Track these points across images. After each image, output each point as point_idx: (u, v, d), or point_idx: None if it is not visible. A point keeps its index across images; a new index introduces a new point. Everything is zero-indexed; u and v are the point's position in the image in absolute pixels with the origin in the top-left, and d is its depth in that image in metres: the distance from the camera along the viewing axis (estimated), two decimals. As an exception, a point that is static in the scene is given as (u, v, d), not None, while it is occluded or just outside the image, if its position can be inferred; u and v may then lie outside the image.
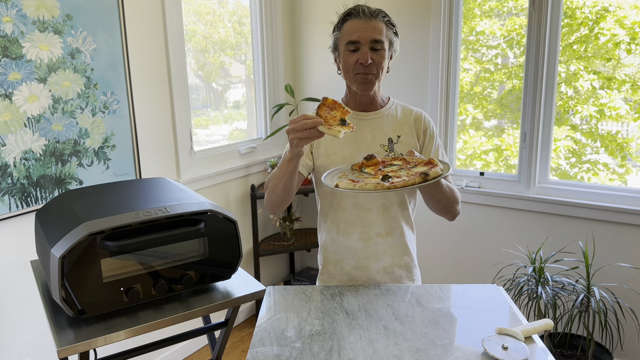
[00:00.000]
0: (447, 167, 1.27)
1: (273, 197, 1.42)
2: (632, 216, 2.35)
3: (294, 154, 1.29)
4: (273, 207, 1.45)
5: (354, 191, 1.18)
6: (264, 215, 3.26)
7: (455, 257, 2.88)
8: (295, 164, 1.33)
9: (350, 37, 1.43)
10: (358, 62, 1.43)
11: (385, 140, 1.52)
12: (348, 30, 1.44)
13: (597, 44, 2.45)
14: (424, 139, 1.56)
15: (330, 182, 1.27)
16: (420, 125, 1.55)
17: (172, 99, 2.55)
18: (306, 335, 1.17)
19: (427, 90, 2.81)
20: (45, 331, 2.14)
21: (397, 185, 1.15)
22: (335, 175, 1.34)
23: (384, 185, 1.16)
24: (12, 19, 1.89)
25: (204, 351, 2.88)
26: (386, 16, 1.46)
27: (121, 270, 1.26)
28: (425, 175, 1.17)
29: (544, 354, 1.10)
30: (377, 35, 1.42)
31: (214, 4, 2.91)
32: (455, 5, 2.68)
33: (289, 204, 1.46)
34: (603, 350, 2.33)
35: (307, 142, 1.26)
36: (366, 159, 1.37)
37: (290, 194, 1.41)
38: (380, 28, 1.43)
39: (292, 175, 1.35)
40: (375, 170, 1.32)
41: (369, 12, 1.44)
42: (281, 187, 1.38)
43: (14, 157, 1.95)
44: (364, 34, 1.42)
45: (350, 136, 1.51)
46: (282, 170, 1.36)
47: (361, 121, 1.53)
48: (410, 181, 1.15)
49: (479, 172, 2.78)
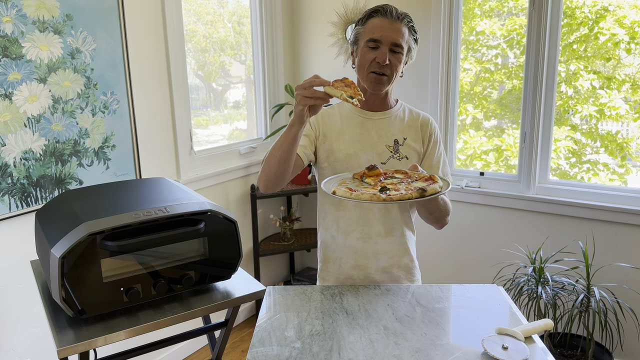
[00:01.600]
0: (447, 184, 1.29)
1: (267, 170, 1.35)
2: (632, 216, 2.34)
3: (296, 118, 1.24)
4: (265, 181, 1.37)
5: (350, 200, 1.19)
6: (264, 215, 3.26)
7: (455, 257, 2.88)
8: (296, 133, 1.26)
9: (373, 34, 1.43)
10: (375, 61, 1.43)
11: (391, 141, 1.52)
12: (372, 27, 1.44)
13: (597, 44, 2.45)
14: (429, 145, 1.56)
15: (328, 189, 1.28)
16: (426, 130, 1.56)
17: (172, 99, 2.55)
18: (306, 335, 1.17)
19: (427, 90, 2.81)
20: (45, 331, 2.14)
21: (393, 198, 1.17)
22: (335, 182, 1.35)
23: (380, 196, 1.17)
24: (12, 19, 1.89)
25: (204, 351, 2.88)
26: (411, 21, 1.47)
27: (121, 270, 1.26)
28: (423, 191, 1.19)
29: (544, 354, 1.10)
30: (399, 39, 1.42)
31: (214, 4, 2.91)
32: (455, 5, 2.68)
33: (282, 184, 1.38)
34: (603, 350, 2.33)
35: (310, 102, 1.20)
36: (368, 169, 1.37)
37: (285, 169, 1.33)
38: (403, 32, 1.44)
39: (290, 145, 1.28)
40: (375, 181, 1.32)
41: (396, 14, 1.44)
42: (277, 157, 1.31)
43: (14, 157, 1.95)
44: (387, 34, 1.42)
45: (356, 135, 1.52)
46: (281, 139, 1.30)
47: (368, 120, 1.54)
48: (407, 195, 1.17)
49: (479, 172, 2.78)
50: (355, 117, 1.54)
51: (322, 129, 1.54)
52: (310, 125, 1.54)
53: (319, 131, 1.54)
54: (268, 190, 1.39)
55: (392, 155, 1.51)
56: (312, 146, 1.52)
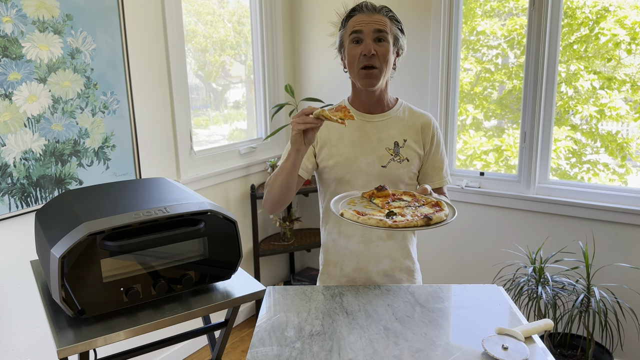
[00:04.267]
0: (452, 211, 1.28)
1: (270, 195, 1.41)
2: (632, 216, 2.34)
3: (293, 148, 1.29)
4: (270, 205, 1.44)
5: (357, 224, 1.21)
6: (264, 215, 3.26)
7: (455, 257, 2.88)
8: (294, 161, 1.31)
9: (353, 27, 1.44)
10: (362, 55, 1.42)
11: (391, 143, 1.51)
12: (352, 23, 1.46)
13: (597, 44, 2.45)
14: (431, 147, 1.55)
15: (336, 209, 1.29)
16: (428, 132, 1.55)
17: (172, 99, 2.55)
18: (306, 335, 1.17)
19: (427, 90, 2.81)
20: (45, 331, 2.14)
21: (399, 225, 1.18)
22: (344, 201, 1.36)
23: (386, 222, 1.19)
24: (12, 19, 1.89)
25: (204, 351, 2.88)
26: (390, 12, 1.47)
27: (121, 270, 1.26)
28: (429, 220, 1.19)
29: (544, 354, 1.10)
30: (380, 26, 1.43)
31: (214, 4, 2.91)
32: (455, 5, 2.68)
33: (287, 204, 1.44)
34: (603, 350, 2.33)
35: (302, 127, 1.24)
36: (377, 189, 1.38)
37: (287, 194, 1.39)
38: (383, 21, 1.44)
39: (289, 172, 1.34)
40: (383, 203, 1.33)
41: (372, 7, 1.46)
42: (278, 183, 1.37)
43: (13, 157, 1.95)
44: (367, 24, 1.43)
45: (355, 138, 1.51)
46: (280, 167, 1.36)
47: (367, 123, 1.52)
48: (413, 223, 1.18)
49: (479, 172, 2.77)
50: (354, 121, 1.53)
51: (320, 134, 1.53)
52: None
53: (317, 141, 1.53)
54: (274, 212, 1.46)
55: (392, 158, 1.50)
56: (312, 158, 1.54)
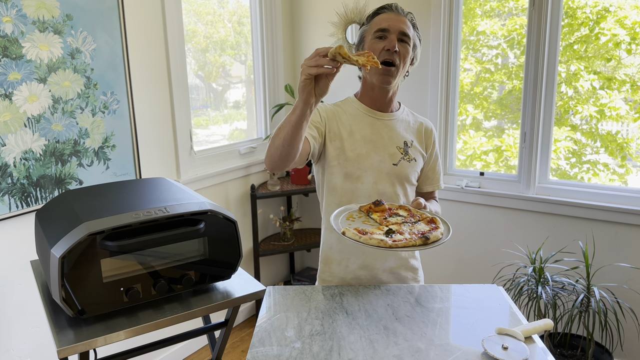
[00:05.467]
0: (447, 229, 1.33)
1: (272, 151, 1.29)
2: (632, 216, 2.34)
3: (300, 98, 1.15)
4: (270, 162, 1.31)
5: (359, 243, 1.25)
6: (264, 215, 3.26)
7: (456, 257, 2.88)
8: (300, 114, 1.18)
9: (381, 25, 1.46)
10: (384, 49, 1.43)
11: (401, 142, 1.55)
12: (378, 20, 1.48)
13: (597, 44, 2.45)
14: (432, 153, 1.63)
15: (337, 225, 1.32)
16: (430, 137, 1.62)
17: (172, 99, 2.55)
18: (306, 335, 1.17)
19: (427, 90, 2.81)
20: (45, 331, 2.14)
21: (399, 245, 1.23)
22: (343, 216, 1.40)
23: (387, 243, 1.23)
24: (12, 19, 1.89)
25: (204, 351, 2.88)
26: (414, 19, 1.52)
27: (121, 270, 1.26)
28: (426, 239, 1.25)
29: (544, 354, 1.10)
30: (406, 28, 1.46)
31: (214, 4, 2.91)
32: (455, 5, 2.68)
33: (289, 165, 1.31)
34: (603, 350, 2.33)
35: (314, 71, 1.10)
36: (374, 204, 1.41)
37: (290, 152, 1.26)
38: (409, 25, 1.49)
39: (294, 127, 1.20)
40: (380, 218, 1.36)
41: (401, 9, 1.50)
42: (281, 138, 1.24)
43: (14, 157, 1.95)
44: (395, 24, 1.45)
45: (367, 135, 1.51)
46: (285, 120, 1.24)
47: (378, 121, 1.54)
48: (411, 243, 1.24)
49: (479, 172, 2.77)
50: (365, 117, 1.53)
51: (331, 126, 1.49)
52: (320, 118, 1.49)
53: (328, 127, 1.49)
54: (274, 171, 1.33)
55: (403, 157, 1.53)
56: (321, 139, 1.48)
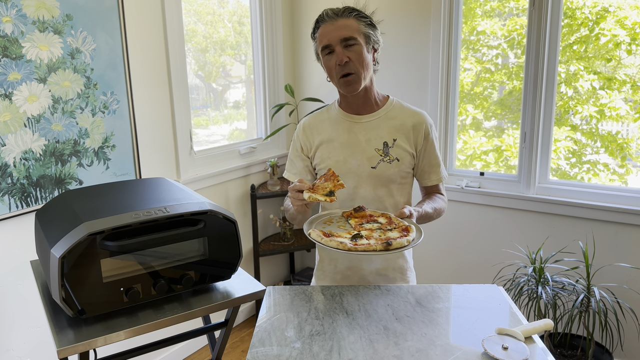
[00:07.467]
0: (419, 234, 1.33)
1: (296, 223, 1.55)
2: (632, 216, 2.34)
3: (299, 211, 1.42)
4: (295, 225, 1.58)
5: (320, 244, 1.29)
6: (264, 215, 3.26)
7: (455, 257, 2.88)
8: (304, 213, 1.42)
9: (322, 42, 1.45)
10: (337, 65, 1.43)
11: (380, 144, 1.51)
12: (320, 37, 1.46)
13: (597, 45, 2.45)
14: (425, 144, 1.54)
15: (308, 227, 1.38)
16: (420, 130, 1.53)
17: (172, 99, 2.55)
18: (306, 335, 1.17)
19: (427, 90, 2.81)
20: (45, 331, 2.14)
21: (358, 249, 1.25)
22: (322, 219, 1.46)
23: (345, 245, 1.25)
24: (12, 19, 1.89)
25: (204, 351, 2.88)
26: (353, 11, 1.45)
27: (121, 270, 1.26)
28: (388, 245, 1.26)
29: (544, 354, 1.10)
30: (345, 33, 1.41)
31: (214, 4, 2.91)
32: (455, 5, 2.67)
33: None
34: (603, 350, 2.33)
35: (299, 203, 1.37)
36: (355, 210, 1.43)
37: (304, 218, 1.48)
38: (348, 25, 1.42)
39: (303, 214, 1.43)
40: (357, 224, 1.39)
41: (333, 12, 1.44)
42: (299, 220, 1.50)
43: (13, 157, 1.95)
44: (332, 35, 1.42)
45: (344, 140, 1.53)
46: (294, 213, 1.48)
47: (355, 124, 1.53)
48: (371, 247, 1.25)
49: (479, 172, 2.77)
50: (343, 122, 1.55)
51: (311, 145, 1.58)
52: (302, 148, 1.60)
53: (309, 146, 1.59)
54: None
55: (382, 159, 1.50)
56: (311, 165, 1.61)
